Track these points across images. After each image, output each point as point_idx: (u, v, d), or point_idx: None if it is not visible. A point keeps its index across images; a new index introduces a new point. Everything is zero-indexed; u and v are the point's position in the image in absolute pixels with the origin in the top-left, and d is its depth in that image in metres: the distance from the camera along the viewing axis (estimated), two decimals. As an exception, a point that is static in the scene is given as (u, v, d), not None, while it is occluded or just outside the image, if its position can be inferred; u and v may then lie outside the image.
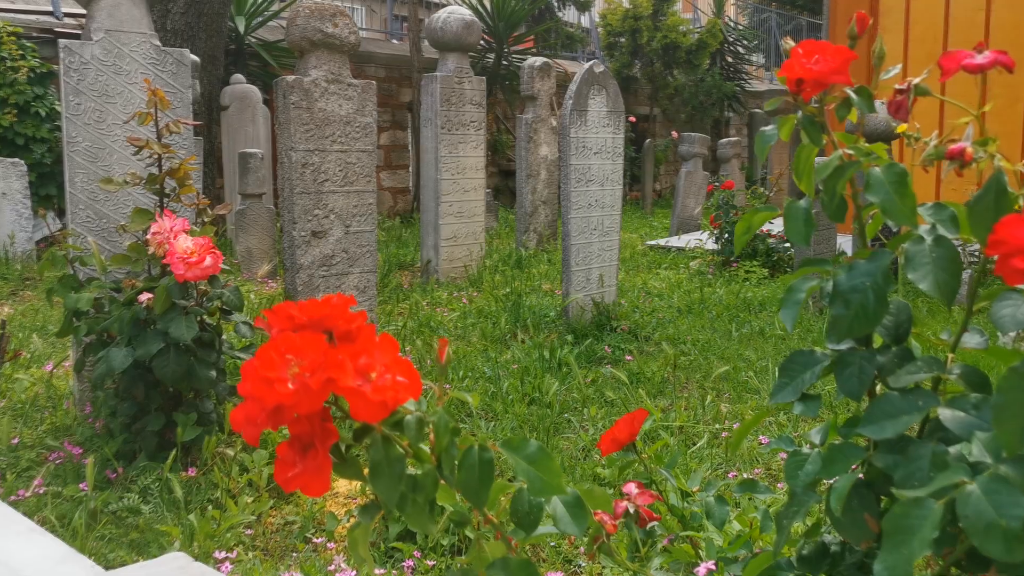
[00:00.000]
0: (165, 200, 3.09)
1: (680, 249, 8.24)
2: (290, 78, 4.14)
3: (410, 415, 1.15)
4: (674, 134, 15.95)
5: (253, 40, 10.04)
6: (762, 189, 7.44)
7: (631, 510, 1.33)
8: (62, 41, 3.22)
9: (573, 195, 4.91)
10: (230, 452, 2.87)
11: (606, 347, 4.53)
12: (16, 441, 3.06)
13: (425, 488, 1.17)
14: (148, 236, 2.78)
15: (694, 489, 1.98)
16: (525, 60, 13.39)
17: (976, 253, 6.08)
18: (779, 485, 2.79)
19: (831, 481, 1.27)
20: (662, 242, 8.57)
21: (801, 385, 1.38)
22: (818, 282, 1.31)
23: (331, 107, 4.25)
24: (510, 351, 4.58)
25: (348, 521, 2.49)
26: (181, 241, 2.63)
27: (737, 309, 5.62)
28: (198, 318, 2.72)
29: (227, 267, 2.76)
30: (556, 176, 8.64)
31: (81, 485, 2.63)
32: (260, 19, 10.22)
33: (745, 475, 2.89)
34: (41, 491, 2.65)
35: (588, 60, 16.68)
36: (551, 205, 8.59)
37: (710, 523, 1.62)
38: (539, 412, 3.56)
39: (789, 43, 1.36)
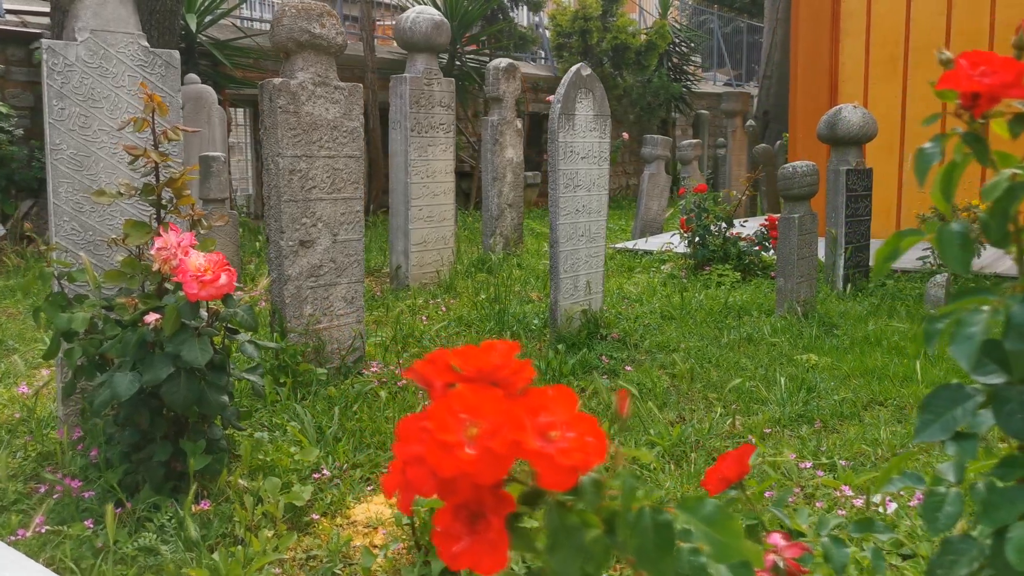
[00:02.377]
0: (163, 212, 2.90)
1: (648, 252, 8.20)
2: (277, 80, 3.95)
3: (585, 477, 1.03)
4: (624, 135, 16.00)
5: (204, 39, 9.72)
6: (734, 193, 7.44)
7: (780, 564, 1.22)
8: (45, 41, 3.00)
9: (561, 200, 4.81)
10: (242, 482, 2.69)
11: (603, 357, 4.44)
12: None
13: (596, 557, 1.05)
14: (152, 251, 2.59)
15: (803, 527, 1.90)
16: (478, 61, 13.30)
17: None
18: (818, 511, 2.72)
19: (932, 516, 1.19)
20: (630, 245, 8.53)
21: (952, 423, 1.28)
22: (989, 314, 1.22)
23: (318, 111, 4.08)
24: (501, 361, 4.46)
25: (383, 556, 2.34)
26: (194, 258, 2.45)
27: (720, 314, 5.58)
28: (211, 340, 2.55)
29: (240, 284, 2.59)
30: (522, 179, 8.54)
31: (87, 522, 2.43)
32: (211, 17, 9.90)
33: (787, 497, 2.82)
34: (43, 530, 2.45)
35: (533, 61, 16.62)
36: (517, 208, 8.48)
37: (829, 567, 1.53)
38: (550, 428, 3.44)
39: (947, 53, 1.27)
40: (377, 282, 7.05)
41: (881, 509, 2.50)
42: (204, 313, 2.61)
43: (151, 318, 2.52)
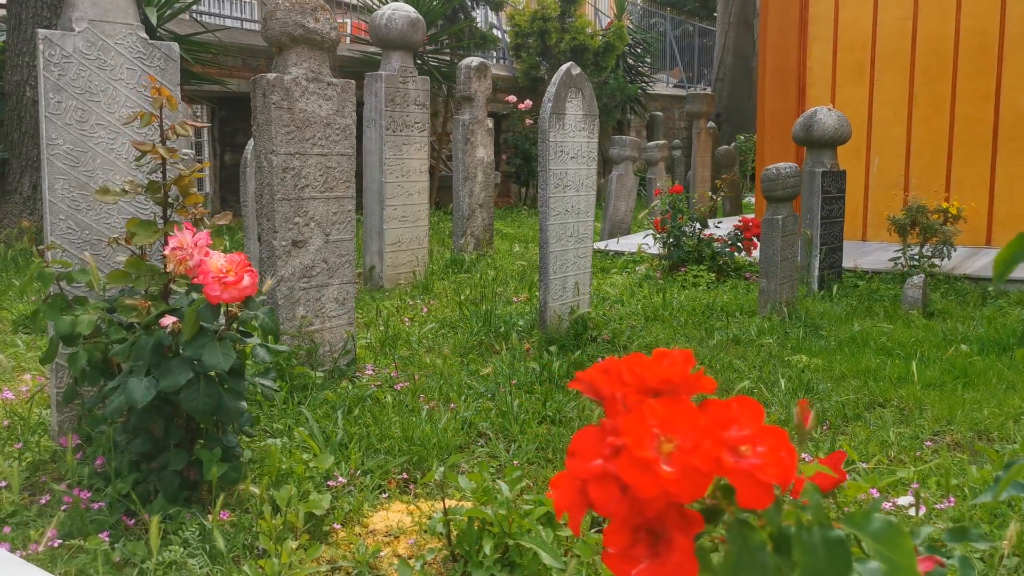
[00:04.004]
0: (169, 210, 2.79)
1: (620, 253, 8.21)
2: (270, 76, 3.85)
3: (761, 491, 0.98)
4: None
5: (164, 33, 9.47)
6: (709, 194, 7.48)
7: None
8: (41, 32, 2.87)
9: (552, 201, 4.77)
10: (255, 489, 2.60)
11: (601, 359, 4.41)
12: (4, 484, 2.70)
13: (773, 577, 1.00)
14: (167, 252, 2.49)
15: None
16: (438, 60, 13.21)
17: None
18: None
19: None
20: (600, 245, 8.52)
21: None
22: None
23: (311, 108, 3.98)
24: (491, 364, 4.40)
25: (421, 568, 2.27)
26: (215, 258, 2.35)
27: (703, 315, 5.60)
28: (234, 344, 2.45)
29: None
30: (492, 179, 8.49)
31: (102, 535, 2.32)
32: (171, 11, 9.66)
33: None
34: (55, 544, 2.33)
35: (491, 61, 16.57)
36: (487, 208, 8.42)
37: None
38: (557, 432, 3.40)
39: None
40: (350, 283, 6.93)
41: (912, 512, 2.50)
42: (221, 317, 2.51)
43: (168, 321, 2.42)
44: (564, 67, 4.85)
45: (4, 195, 7.85)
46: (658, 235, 7.36)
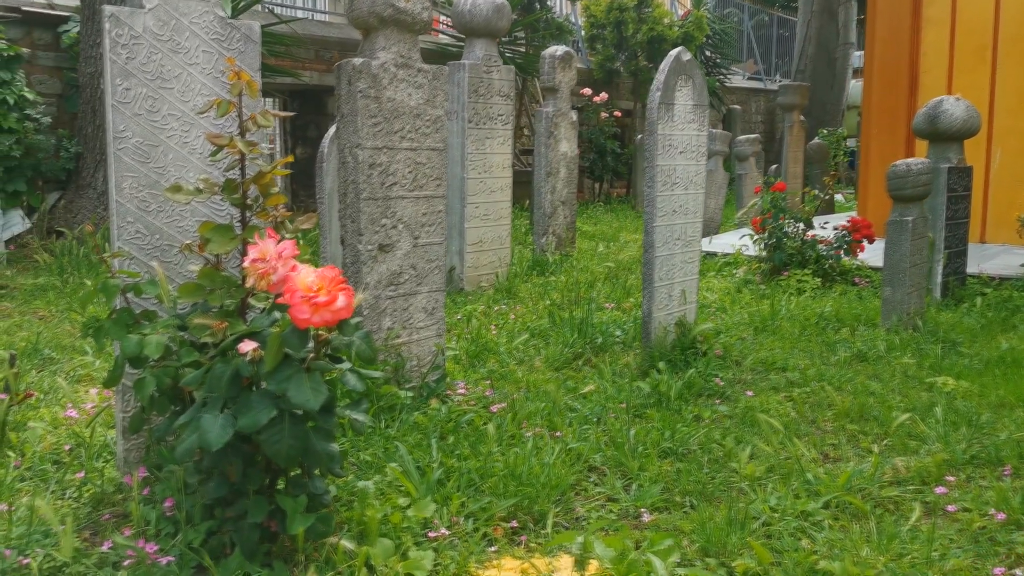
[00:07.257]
0: (248, 213, 2.42)
1: (712, 254, 7.70)
2: (357, 61, 3.46)
3: None
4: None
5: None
6: (814, 192, 6.93)
7: None
8: (107, 8, 2.52)
9: (659, 200, 4.31)
10: (349, 545, 2.21)
11: (717, 379, 3.95)
12: (61, 527, 2.36)
13: None
14: (247, 263, 2.11)
15: None
16: (513, 51, 12.79)
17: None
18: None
19: None
20: (691, 246, 8.00)
21: None
22: None
23: (400, 96, 3.59)
24: (592, 381, 3.97)
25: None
26: (303, 274, 1.96)
27: (817, 326, 5.08)
28: (323, 374, 2.06)
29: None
30: (575, 174, 8.04)
31: (170, 604, 1.96)
32: (244, 3, 9.41)
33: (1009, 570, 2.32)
34: (116, 613, 1.97)
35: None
36: (570, 206, 7.98)
37: None
38: (685, 469, 2.95)
39: None
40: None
41: None
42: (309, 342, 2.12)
43: (247, 347, 2.04)
44: (673, 52, 4.37)
45: (78, 190, 7.67)
46: (756, 236, 6.84)
